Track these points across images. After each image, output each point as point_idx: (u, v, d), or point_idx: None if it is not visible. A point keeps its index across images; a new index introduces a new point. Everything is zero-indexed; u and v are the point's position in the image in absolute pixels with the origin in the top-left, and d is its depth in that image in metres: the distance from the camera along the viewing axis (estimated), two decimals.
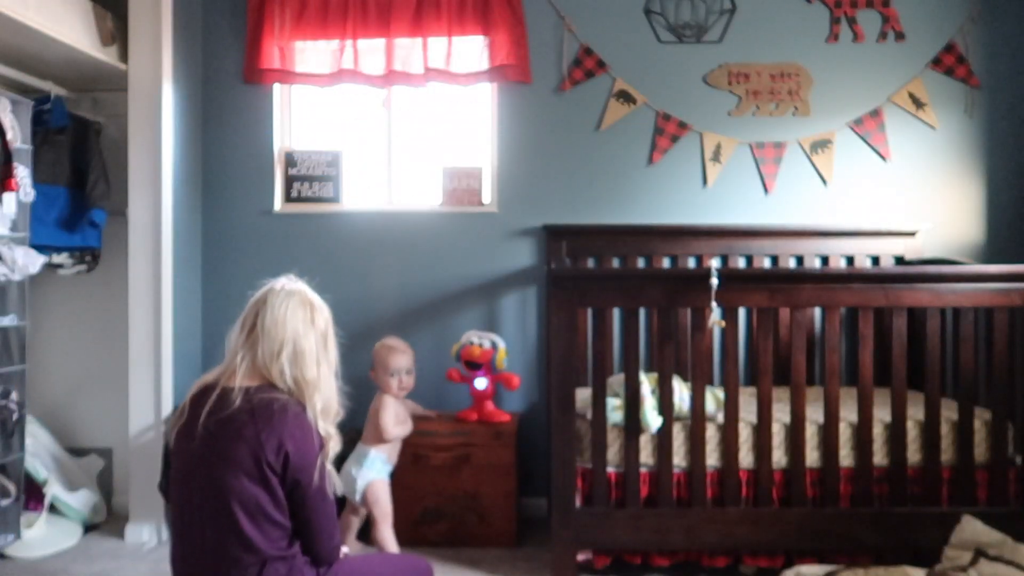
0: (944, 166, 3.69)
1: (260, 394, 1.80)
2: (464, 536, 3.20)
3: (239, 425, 1.76)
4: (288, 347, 1.83)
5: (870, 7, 3.67)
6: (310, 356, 1.85)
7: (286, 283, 1.93)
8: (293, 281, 1.95)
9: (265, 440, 1.74)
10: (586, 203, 3.71)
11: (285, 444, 1.75)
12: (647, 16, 3.70)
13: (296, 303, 1.88)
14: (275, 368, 1.83)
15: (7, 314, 2.96)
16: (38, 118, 3.21)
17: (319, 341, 1.89)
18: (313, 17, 3.67)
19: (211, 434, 1.78)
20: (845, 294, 2.77)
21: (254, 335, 1.85)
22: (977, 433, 2.81)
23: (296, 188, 3.79)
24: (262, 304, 1.88)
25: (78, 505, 3.32)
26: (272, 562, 1.78)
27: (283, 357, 1.83)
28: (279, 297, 1.88)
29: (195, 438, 1.79)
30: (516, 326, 3.70)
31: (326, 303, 2.00)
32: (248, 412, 1.77)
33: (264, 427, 1.75)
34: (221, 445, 1.76)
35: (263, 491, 1.75)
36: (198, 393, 1.86)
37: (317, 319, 1.90)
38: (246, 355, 1.85)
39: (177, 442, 1.85)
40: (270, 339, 1.84)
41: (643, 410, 2.77)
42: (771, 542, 2.77)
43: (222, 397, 1.80)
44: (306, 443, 1.79)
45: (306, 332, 1.86)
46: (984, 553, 2.48)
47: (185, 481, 1.82)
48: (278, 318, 1.85)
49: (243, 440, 1.74)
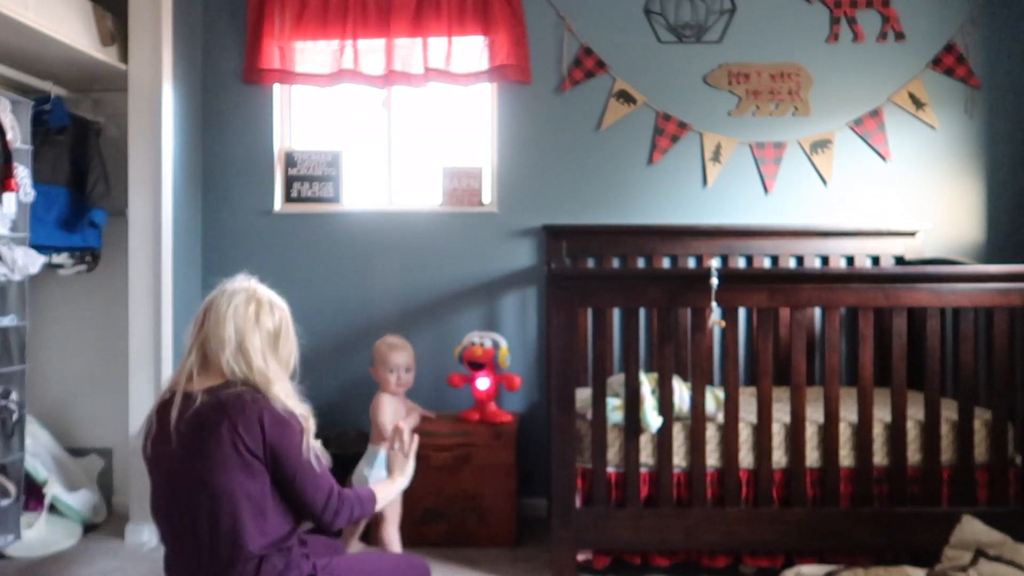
0: (944, 166, 3.69)
1: (224, 390, 1.81)
2: (464, 536, 3.20)
3: (213, 422, 1.76)
4: (231, 344, 1.83)
5: (870, 7, 3.67)
6: (255, 352, 1.84)
7: (237, 282, 1.93)
8: (245, 279, 1.94)
9: (242, 429, 1.75)
10: (586, 203, 3.71)
11: (262, 428, 1.76)
12: (647, 16, 3.70)
13: (241, 300, 1.87)
14: (224, 364, 1.83)
15: (7, 314, 2.96)
16: (38, 118, 3.21)
17: (265, 340, 1.87)
18: (313, 17, 3.67)
19: (187, 436, 1.77)
20: (845, 294, 2.77)
21: (202, 334, 1.86)
22: (977, 433, 2.81)
23: (296, 188, 3.79)
24: (209, 304, 1.89)
25: (78, 505, 3.32)
26: (270, 556, 1.78)
27: (227, 353, 1.83)
28: (225, 296, 1.88)
29: (171, 443, 1.79)
30: (516, 326, 3.70)
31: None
32: (218, 408, 1.77)
33: (238, 417, 1.76)
34: (200, 445, 1.76)
35: (250, 480, 1.76)
36: (161, 404, 1.86)
37: (263, 318, 1.88)
38: (197, 355, 1.86)
39: (154, 454, 1.84)
40: (215, 337, 1.84)
41: (643, 410, 2.77)
42: (771, 542, 2.77)
43: (186, 400, 1.80)
44: (280, 424, 1.79)
45: (249, 330, 1.85)
46: (984, 553, 2.48)
47: (170, 489, 1.81)
48: (220, 316, 1.85)
49: (220, 435, 1.75)
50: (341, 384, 3.66)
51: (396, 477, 2.19)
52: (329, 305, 3.70)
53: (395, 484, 2.18)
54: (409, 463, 2.21)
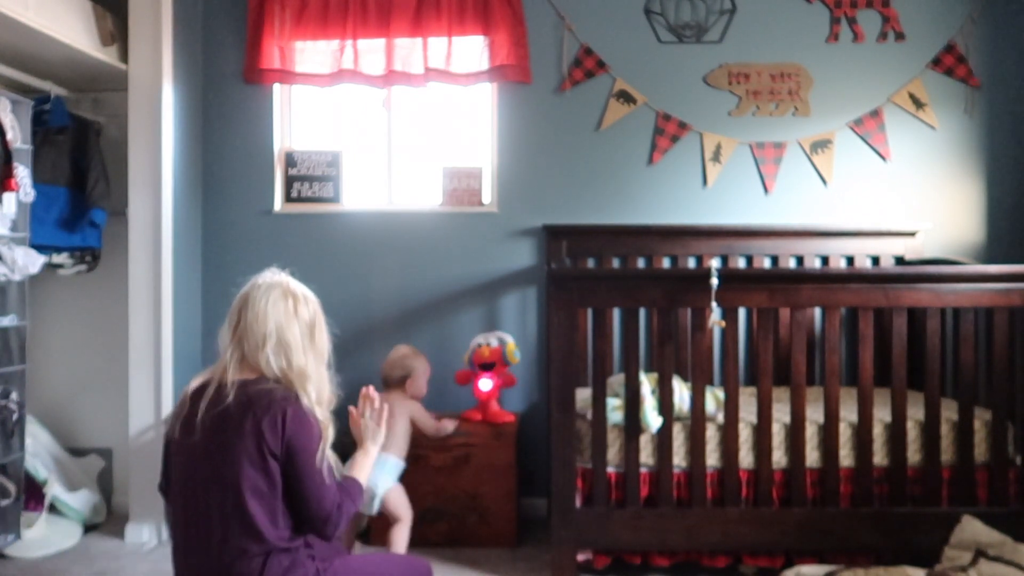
0: (944, 166, 3.69)
1: (256, 386, 1.82)
2: (464, 536, 3.20)
3: (239, 416, 1.78)
4: (272, 339, 1.84)
5: (870, 7, 3.67)
6: (295, 347, 1.86)
7: (269, 276, 1.94)
8: (276, 274, 1.96)
9: (266, 427, 1.76)
10: (586, 203, 3.71)
11: (285, 430, 1.77)
12: (647, 16, 3.70)
13: (277, 295, 1.89)
14: (262, 360, 1.84)
15: (7, 314, 2.96)
16: (38, 118, 3.21)
17: (303, 331, 1.89)
18: (313, 17, 3.67)
19: (211, 428, 1.80)
20: (845, 294, 2.77)
21: (240, 331, 1.87)
22: (977, 433, 2.81)
23: (296, 188, 3.79)
24: (245, 300, 1.90)
25: (78, 505, 3.32)
26: (276, 553, 1.79)
27: (268, 349, 1.84)
28: (260, 291, 1.89)
29: (195, 433, 1.81)
30: (516, 326, 3.69)
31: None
32: (246, 403, 1.79)
33: (263, 415, 1.77)
34: (223, 438, 1.78)
35: (265, 479, 1.77)
36: (197, 388, 1.88)
37: (300, 309, 1.90)
38: (235, 351, 1.87)
39: (179, 437, 1.86)
40: (254, 333, 1.85)
41: (643, 410, 2.77)
42: (771, 542, 2.77)
43: (219, 391, 1.82)
44: (304, 429, 1.80)
45: (289, 323, 1.87)
46: (984, 553, 2.48)
47: (188, 476, 1.83)
48: (259, 312, 1.86)
49: (245, 430, 1.76)
50: (341, 384, 3.64)
51: (369, 447, 2.13)
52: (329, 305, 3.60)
53: (369, 456, 2.13)
54: (381, 431, 2.17)
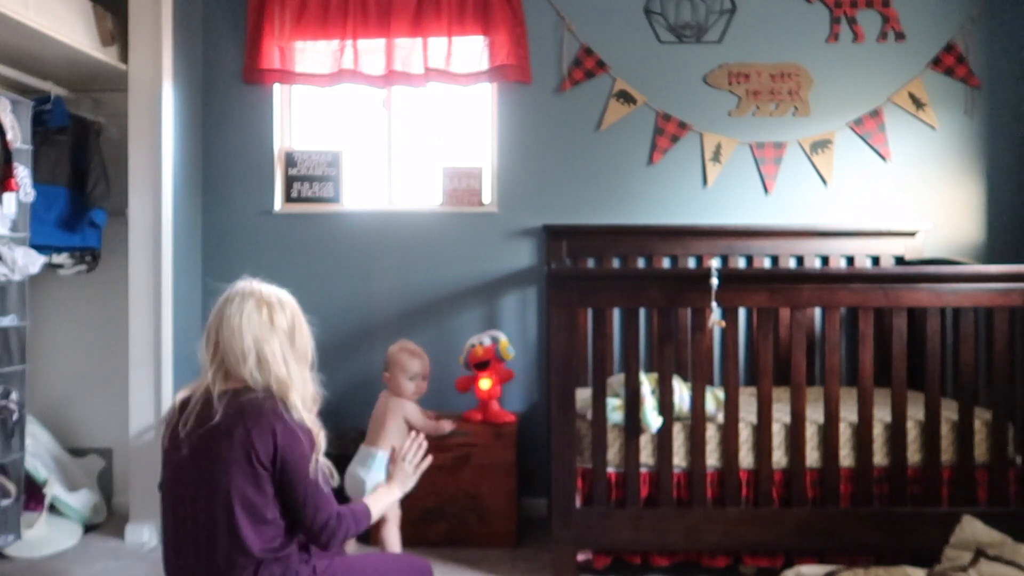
0: (944, 166, 3.69)
1: (246, 395, 1.81)
2: (464, 536, 3.20)
3: (228, 426, 1.77)
4: (251, 355, 1.81)
5: (870, 7, 3.67)
6: (275, 358, 1.83)
7: (241, 286, 1.89)
8: (248, 282, 1.91)
9: (256, 438, 1.75)
10: (586, 203, 3.71)
11: (275, 440, 1.76)
12: (647, 16, 3.70)
13: (251, 308, 1.84)
14: (246, 373, 1.82)
15: (7, 314, 2.96)
16: (38, 118, 3.21)
17: (283, 340, 1.86)
18: (313, 17, 3.67)
19: (200, 438, 1.78)
20: (845, 294, 2.77)
21: (220, 350, 1.84)
22: (977, 433, 2.81)
23: (296, 188, 3.79)
24: (220, 318, 1.85)
25: (78, 505, 3.32)
26: (267, 564, 1.78)
27: (249, 364, 1.81)
28: (234, 306, 1.85)
29: (184, 442, 1.80)
30: (516, 326, 3.70)
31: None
32: (236, 413, 1.78)
33: (253, 425, 1.76)
34: (213, 448, 1.77)
35: (255, 490, 1.76)
36: (184, 401, 1.86)
37: (277, 318, 1.86)
38: (218, 368, 1.84)
39: (170, 445, 1.85)
40: (233, 351, 1.82)
41: (643, 410, 2.77)
42: (771, 542, 2.77)
43: (207, 402, 1.81)
44: (296, 443, 1.79)
45: (267, 336, 1.83)
46: (984, 553, 2.48)
47: (177, 485, 1.83)
48: (235, 328, 1.82)
49: (234, 440, 1.75)
50: (341, 384, 3.64)
51: (395, 488, 2.17)
52: (329, 305, 3.69)
53: (392, 495, 2.16)
54: (413, 479, 2.20)
